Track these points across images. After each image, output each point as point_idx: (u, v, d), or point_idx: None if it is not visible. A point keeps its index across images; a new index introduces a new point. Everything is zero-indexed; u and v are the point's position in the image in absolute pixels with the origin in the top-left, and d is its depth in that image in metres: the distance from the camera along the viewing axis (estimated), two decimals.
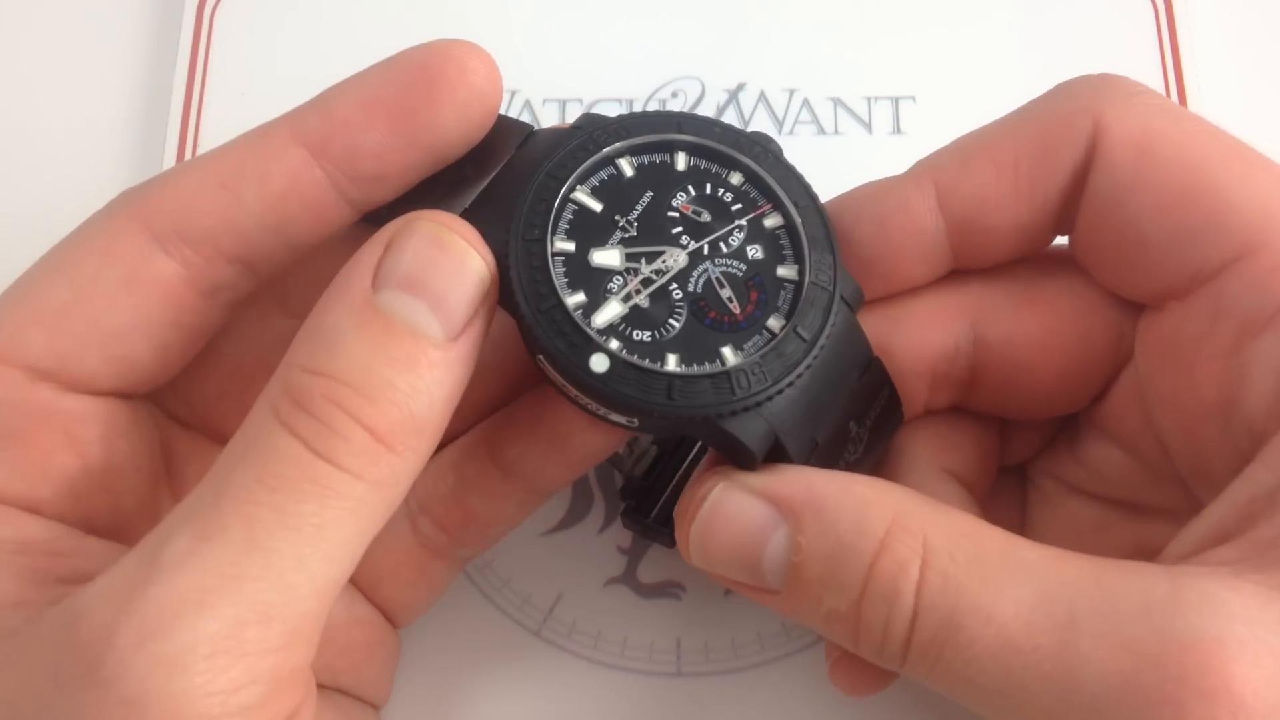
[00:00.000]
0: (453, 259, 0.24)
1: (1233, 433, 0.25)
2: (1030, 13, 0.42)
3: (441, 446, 0.30)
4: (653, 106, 0.41)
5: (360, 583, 0.30)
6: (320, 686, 0.30)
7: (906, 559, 0.23)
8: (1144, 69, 0.41)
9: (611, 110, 0.41)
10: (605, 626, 0.34)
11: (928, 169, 0.28)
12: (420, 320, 0.24)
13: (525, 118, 0.41)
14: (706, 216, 0.27)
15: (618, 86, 0.41)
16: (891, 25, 0.42)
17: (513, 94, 0.41)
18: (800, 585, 0.24)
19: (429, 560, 0.31)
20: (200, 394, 0.29)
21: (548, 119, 0.41)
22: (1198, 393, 0.26)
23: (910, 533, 0.23)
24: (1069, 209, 0.27)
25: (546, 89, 0.41)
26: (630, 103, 0.41)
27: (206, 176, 0.26)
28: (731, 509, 0.25)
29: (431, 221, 0.24)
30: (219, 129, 0.40)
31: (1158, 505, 0.28)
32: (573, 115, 0.41)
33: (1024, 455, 0.32)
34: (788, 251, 0.27)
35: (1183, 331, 0.26)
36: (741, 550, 0.25)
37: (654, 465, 0.32)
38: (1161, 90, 0.41)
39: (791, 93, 0.41)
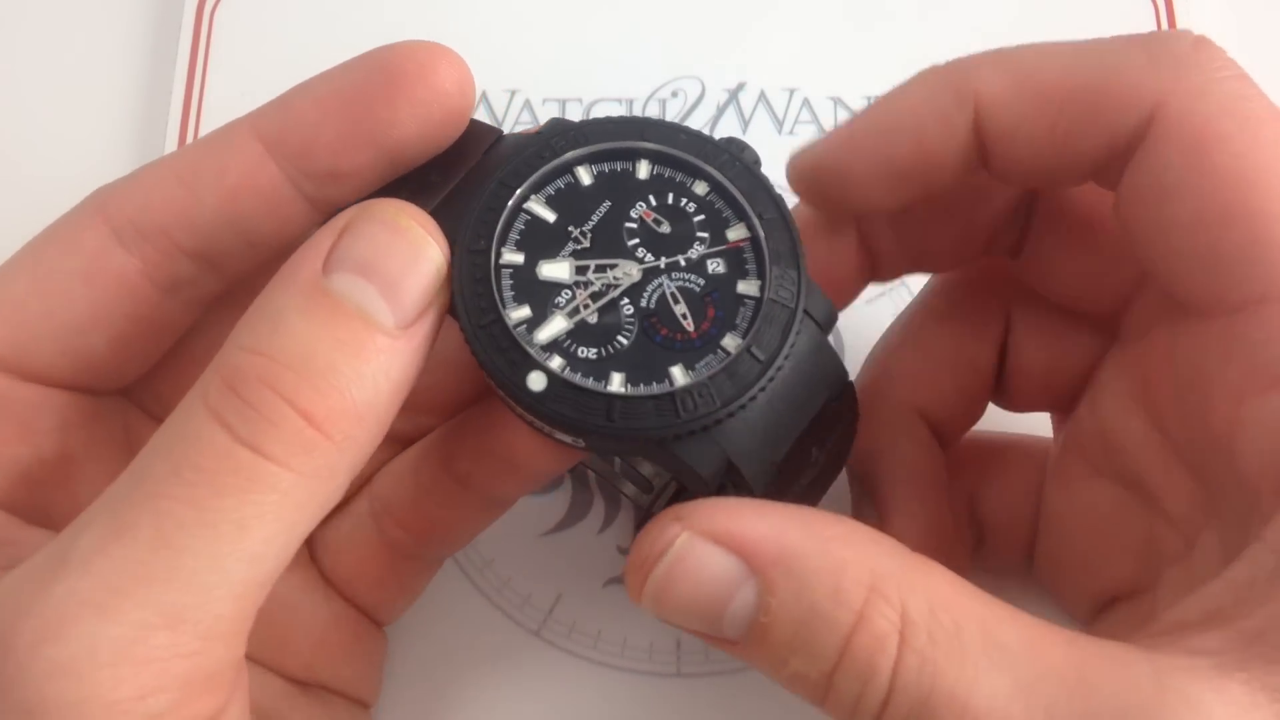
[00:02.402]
0: (408, 246, 0.24)
1: (1234, 473, 0.24)
2: (1030, 12, 0.42)
3: (406, 444, 0.30)
4: (653, 106, 0.41)
5: (332, 580, 0.30)
6: (304, 684, 0.29)
7: (885, 634, 0.22)
8: None
9: (611, 110, 0.41)
10: (605, 626, 0.34)
11: (972, 82, 0.26)
12: (371, 305, 0.23)
13: (525, 118, 0.41)
14: (666, 228, 0.25)
15: (618, 86, 0.41)
16: (891, 24, 0.42)
17: (512, 94, 0.41)
18: (765, 645, 0.23)
19: (398, 561, 0.30)
20: (175, 396, 0.29)
21: (548, 119, 0.41)
22: (1208, 420, 0.25)
23: (889, 602, 0.22)
24: (1105, 170, 0.26)
25: (546, 89, 0.41)
26: (630, 103, 0.41)
27: (166, 172, 0.26)
28: (694, 562, 0.23)
29: (389, 208, 0.24)
30: None
31: (1169, 497, 0.28)
32: (572, 115, 0.41)
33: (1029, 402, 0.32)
34: (750, 266, 0.25)
35: (1199, 357, 0.25)
36: (703, 606, 0.23)
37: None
38: None
39: (791, 92, 0.41)
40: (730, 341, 0.24)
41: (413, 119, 0.25)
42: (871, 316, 0.37)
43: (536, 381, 0.24)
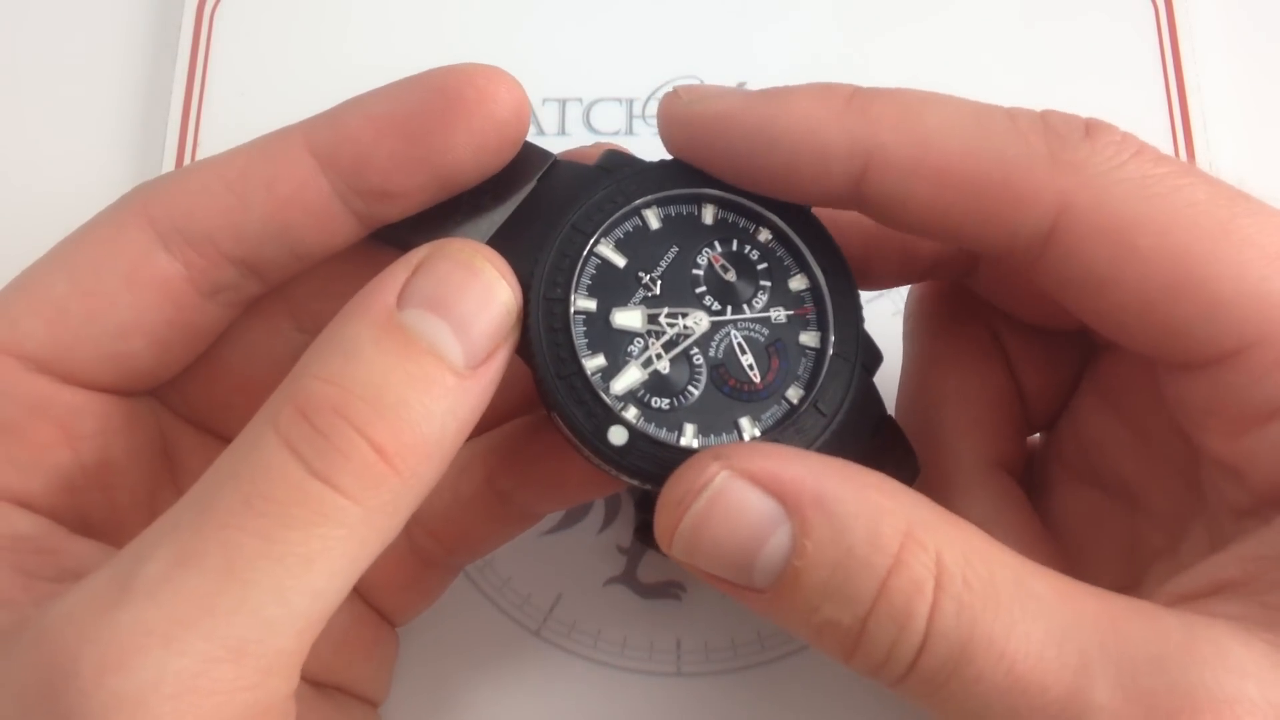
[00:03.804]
0: (482, 286, 0.24)
1: (1239, 487, 0.24)
2: (1031, 12, 0.42)
3: None
4: (653, 106, 0.41)
5: (356, 584, 0.30)
6: (318, 684, 0.29)
7: (922, 579, 0.22)
8: (1144, 69, 0.41)
9: (612, 110, 0.41)
10: (605, 626, 0.34)
11: (870, 135, 0.24)
12: (443, 342, 0.23)
13: None
14: (732, 275, 0.26)
15: (618, 86, 0.41)
16: (891, 23, 0.42)
17: None
18: (796, 590, 0.22)
19: (423, 567, 0.30)
20: (207, 400, 0.29)
21: (548, 119, 0.41)
22: (1204, 446, 0.25)
23: (925, 548, 0.22)
24: (1003, 256, 0.25)
25: (546, 89, 0.41)
26: (630, 102, 0.41)
27: (214, 177, 0.26)
28: (732, 501, 0.23)
29: (465, 248, 0.24)
30: (219, 129, 0.40)
31: (1154, 497, 0.28)
32: (573, 115, 0.41)
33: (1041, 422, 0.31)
34: (811, 317, 0.26)
35: (1182, 396, 0.25)
36: (736, 547, 0.23)
37: None
38: (1161, 90, 0.41)
39: None
40: (794, 393, 0.25)
41: (469, 145, 0.25)
42: (870, 316, 0.37)
43: (617, 436, 0.24)
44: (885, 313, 0.37)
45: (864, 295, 0.32)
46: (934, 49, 0.42)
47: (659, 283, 0.25)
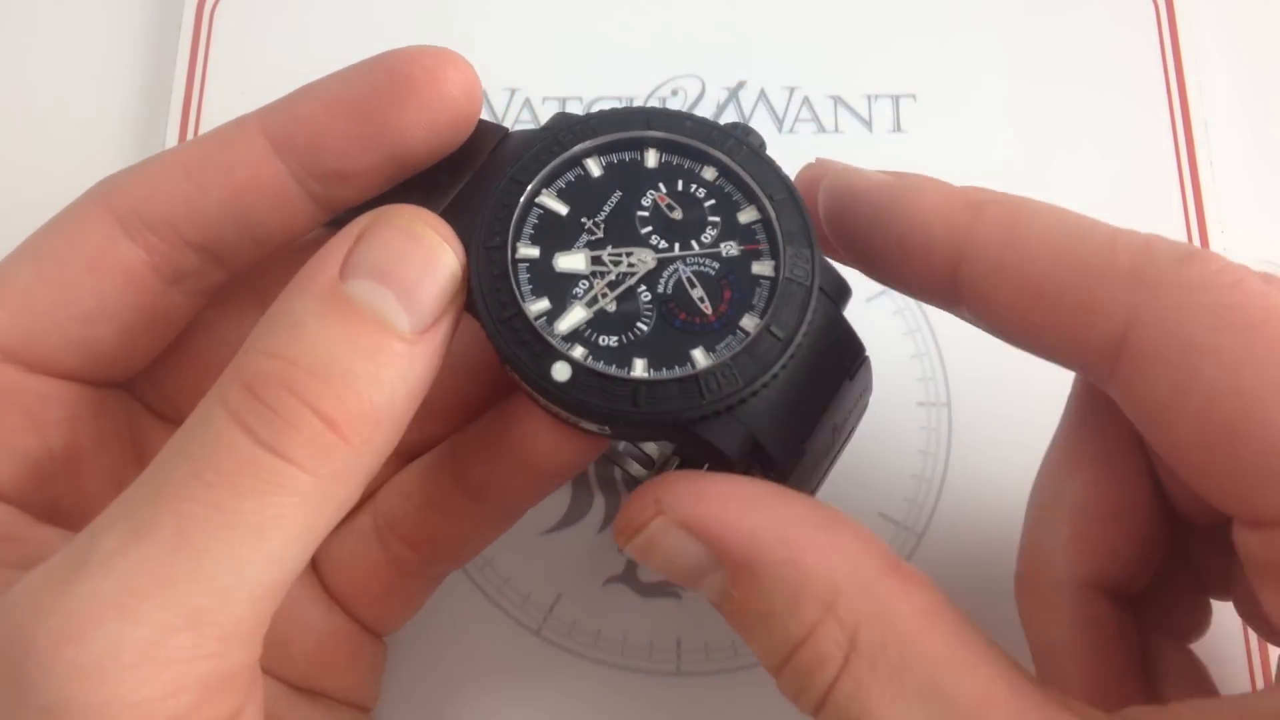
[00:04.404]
0: (424, 251, 0.24)
1: None
2: (1031, 11, 0.42)
3: (412, 457, 0.30)
4: (653, 105, 0.41)
5: (333, 594, 0.30)
6: (302, 691, 0.29)
7: (829, 655, 0.22)
8: (1144, 69, 0.41)
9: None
10: (605, 625, 0.34)
11: (969, 232, 0.25)
12: (388, 310, 0.23)
13: (525, 117, 0.41)
14: (679, 214, 0.26)
15: (618, 85, 0.41)
16: (892, 23, 0.42)
17: (513, 93, 0.41)
18: (733, 619, 0.24)
19: (401, 578, 0.30)
20: (178, 391, 0.29)
21: (548, 118, 0.41)
22: (1273, 606, 0.23)
23: (842, 624, 0.22)
24: (1085, 369, 0.25)
25: (546, 88, 0.41)
26: (630, 101, 0.41)
27: (173, 165, 0.26)
28: (667, 547, 0.24)
29: (405, 214, 0.24)
30: None
31: None
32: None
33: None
34: (764, 247, 0.26)
35: (1250, 549, 0.23)
36: (678, 576, 0.24)
37: None
38: (1162, 90, 0.41)
39: (792, 90, 0.41)
40: (749, 322, 0.25)
41: (420, 124, 0.26)
42: (871, 316, 0.37)
43: (561, 372, 0.24)
44: (886, 310, 0.37)
45: (865, 293, 0.32)
46: (934, 49, 0.42)
47: (602, 225, 0.26)
